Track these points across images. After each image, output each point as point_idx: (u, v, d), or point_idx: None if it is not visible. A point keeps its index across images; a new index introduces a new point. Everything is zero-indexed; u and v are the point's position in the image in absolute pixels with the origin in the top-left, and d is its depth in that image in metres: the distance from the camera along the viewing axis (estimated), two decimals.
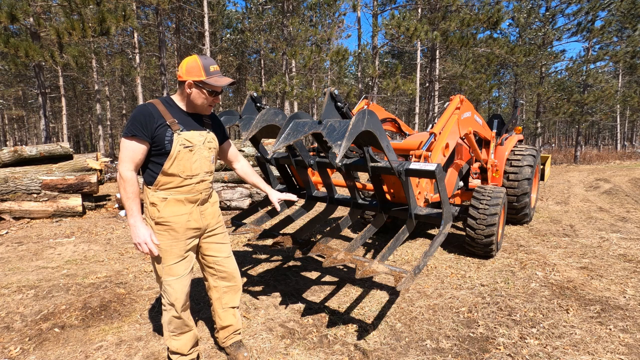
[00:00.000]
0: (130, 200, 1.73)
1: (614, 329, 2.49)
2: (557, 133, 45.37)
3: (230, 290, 2.13)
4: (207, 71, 1.79)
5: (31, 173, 6.18)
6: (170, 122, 1.78)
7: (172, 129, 1.78)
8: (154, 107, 1.79)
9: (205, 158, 1.90)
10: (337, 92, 2.42)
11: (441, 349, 2.31)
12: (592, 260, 3.80)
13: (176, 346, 1.97)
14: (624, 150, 25.15)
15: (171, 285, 1.87)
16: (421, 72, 17.23)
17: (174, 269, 1.86)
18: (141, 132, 1.72)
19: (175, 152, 1.78)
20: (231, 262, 2.12)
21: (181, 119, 1.84)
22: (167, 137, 1.77)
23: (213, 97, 1.86)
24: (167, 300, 1.90)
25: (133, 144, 1.73)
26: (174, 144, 1.77)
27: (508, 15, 16.67)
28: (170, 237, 1.84)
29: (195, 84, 1.80)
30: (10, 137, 32.04)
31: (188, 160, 1.82)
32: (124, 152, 1.74)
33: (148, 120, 1.74)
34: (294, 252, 2.82)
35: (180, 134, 1.79)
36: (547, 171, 6.52)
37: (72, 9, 8.71)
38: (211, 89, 1.82)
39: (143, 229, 1.75)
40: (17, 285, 3.30)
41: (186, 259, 1.91)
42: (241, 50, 21.13)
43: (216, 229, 2.06)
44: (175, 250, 1.86)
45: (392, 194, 2.85)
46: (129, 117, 1.77)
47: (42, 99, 9.79)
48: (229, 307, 2.14)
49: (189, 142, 1.82)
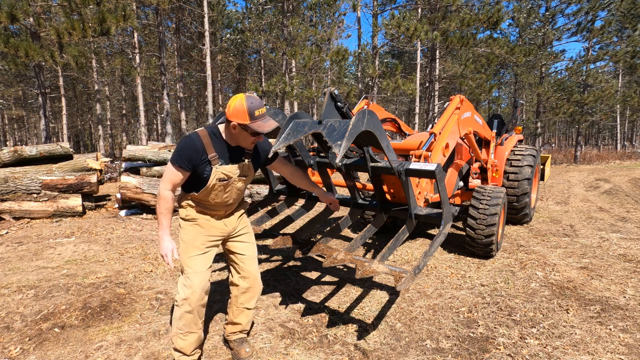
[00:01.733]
0: (162, 215, 1.91)
1: (614, 329, 2.49)
2: (557, 133, 45.36)
3: (248, 292, 2.19)
4: (251, 116, 1.82)
5: (31, 173, 6.18)
6: (212, 157, 1.89)
7: (212, 164, 1.90)
8: (200, 142, 1.88)
9: (237, 189, 2.04)
10: (337, 92, 2.42)
11: (441, 349, 2.31)
12: (592, 260, 3.80)
13: (180, 345, 2.00)
14: (624, 150, 25.15)
15: (190, 278, 1.94)
16: (421, 72, 17.23)
17: (194, 261, 1.96)
18: (186, 164, 1.86)
19: (210, 185, 1.92)
20: (254, 264, 2.20)
21: (222, 153, 1.94)
22: (207, 172, 1.90)
23: (255, 137, 1.91)
24: (182, 295, 1.94)
25: (176, 172, 1.88)
26: (211, 177, 1.90)
27: (508, 15, 16.67)
28: (194, 230, 2.00)
29: (240, 125, 1.85)
30: (10, 137, 32.04)
31: (221, 191, 1.97)
32: (167, 174, 1.90)
33: (193, 155, 1.86)
34: (294, 252, 2.82)
35: (219, 168, 1.91)
36: (547, 171, 6.52)
37: (72, 9, 8.71)
38: (254, 131, 1.86)
39: (168, 242, 1.92)
40: (17, 285, 3.30)
41: (206, 255, 2.01)
42: (241, 50, 21.13)
43: (242, 229, 2.18)
44: (196, 243, 1.98)
45: (392, 194, 2.85)
46: (178, 146, 1.90)
47: (42, 99, 9.79)
48: (244, 307, 2.20)
49: (225, 175, 1.94)
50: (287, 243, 2.68)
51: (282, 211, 3.25)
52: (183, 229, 2.02)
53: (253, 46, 19.15)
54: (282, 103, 16.56)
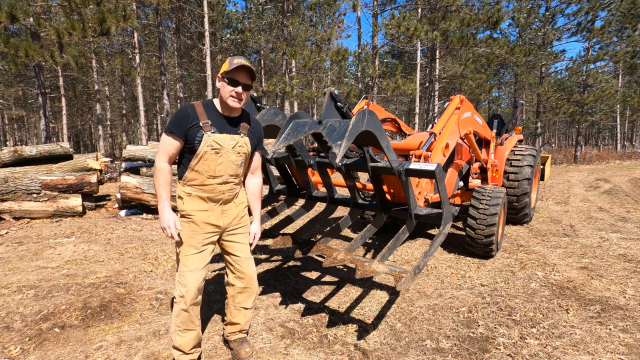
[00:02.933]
0: (160, 187, 1.89)
1: (614, 329, 2.48)
2: (557, 133, 45.37)
3: (244, 292, 2.17)
4: (230, 63, 1.87)
5: (31, 173, 6.18)
6: (203, 124, 1.89)
7: (203, 129, 1.88)
8: (192, 108, 1.91)
9: (231, 162, 1.97)
10: (337, 92, 2.42)
11: (441, 349, 2.31)
12: (592, 260, 3.80)
13: (179, 342, 1.99)
14: (624, 150, 25.15)
15: (184, 276, 1.93)
16: (421, 72, 17.23)
17: (190, 260, 1.94)
18: (177, 129, 1.87)
19: (201, 152, 1.89)
20: (250, 264, 2.16)
21: (216, 121, 1.93)
22: (198, 137, 1.88)
23: (233, 87, 1.89)
24: (179, 292, 1.94)
25: (169, 139, 1.89)
26: (202, 144, 1.88)
27: (508, 15, 16.68)
28: (190, 228, 1.95)
29: (221, 76, 1.91)
30: (10, 137, 32.04)
31: (213, 161, 1.92)
32: (161, 145, 1.91)
33: (183, 120, 1.87)
34: (294, 252, 2.82)
35: (210, 136, 1.89)
36: (547, 171, 6.52)
37: (72, 9, 8.71)
38: (230, 77, 1.88)
39: (169, 214, 1.89)
40: (17, 285, 3.30)
41: (203, 253, 1.98)
42: (241, 50, 21.12)
43: (238, 228, 2.11)
44: (193, 242, 1.95)
45: (392, 194, 2.85)
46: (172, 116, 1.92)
47: (42, 99, 9.79)
48: (241, 307, 2.19)
49: (217, 144, 1.91)
50: (287, 243, 2.68)
51: (282, 211, 3.25)
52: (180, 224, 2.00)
53: (253, 46, 19.15)
54: (282, 103, 16.57)
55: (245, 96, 1.94)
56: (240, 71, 1.89)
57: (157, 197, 1.91)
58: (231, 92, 1.90)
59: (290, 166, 3.21)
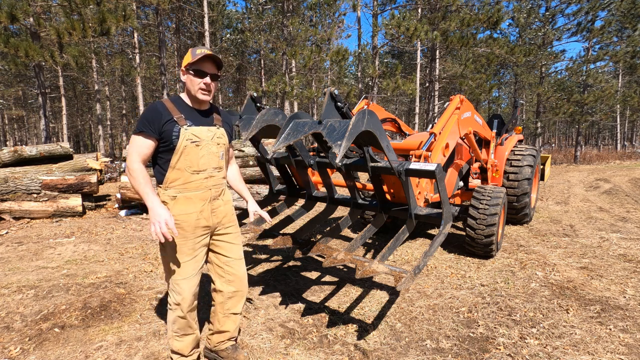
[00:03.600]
0: (142, 185, 1.74)
1: (614, 329, 2.48)
2: (557, 133, 45.37)
3: (235, 296, 2.07)
4: (193, 54, 1.80)
5: (31, 173, 6.18)
6: (177, 118, 1.80)
7: (179, 124, 1.80)
8: (162, 105, 1.82)
9: (213, 154, 1.90)
10: (337, 92, 2.42)
11: (441, 349, 2.31)
12: (592, 260, 3.80)
13: (178, 347, 1.97)
14: (624, 150, 25.15)
15: (179, 285, 1.86)
16: (421, 72, 17.23)
17: (183, 268, 1.86)
18: (148, 128, 1.76)
19: (181, 147, 1.80)
20: (241, 266, 2.08)
21: (188, 115, 1.85)
22: (175, 133, 1.79)
23: (201, 78, 1.81)
24: (173, 300, 1.88)
25: (140, 139, 1.77)
26: (181, 138, 1.79)
27: (508, 15, 16.68)
28: (180, 235, 1.84)
29: (185, 69, 1.83)
30: (10, 137, 32.04)
31: (195, 155, 1.83)
32: (131, 147, 1.78)
33: (155, 117, 1.77)
34: (294, 252, 2.82)
35: (188, 129, 1.81)
36: (547, 171, 6.52)
37: (72, 9, 8.71)
38: (195, 68, 1.80)
39: (161, 209, 1.71)
40: (17, 285, 3.30)
41: (195, 259, 1.90)
42: (241, 50, 21.12)
43: (229, 227, 2.03)
44: (184, 249, 1.86)
45: (392, 194, 2.85)
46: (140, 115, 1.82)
47: (42, 99, 9.79)
48: (231, 312, 2.08)
49: (196, 137, 1.83)
50: (287, 243, 2.68)
51: (282, 211, 3.25)
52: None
53: (253, 46, 19.16)
54: (282, 103, 16.56)
55: (213, 87, 1.86)
56: (206, 61, 1.81)
57: (143, 196, 1.73)
58: (200, 85, 1.82)
59: (290, 166, 3.21)
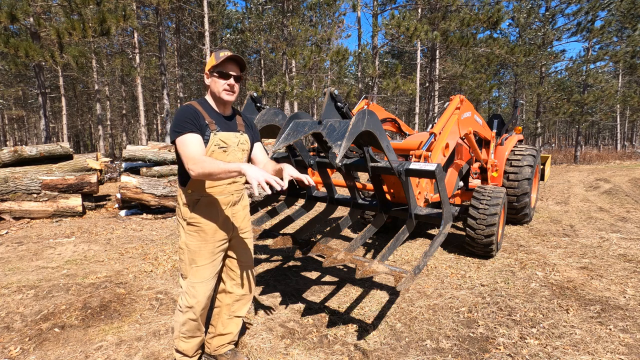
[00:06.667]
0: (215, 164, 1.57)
1: (614, 329, 2.48)
2: (557, 133, 45.38)
3: (242, 299, 2.09)
4: (217, 57, 1.82)
5: (31, 173, 6.18)
6: (209, 122, 1.81)
7: (210, 128, 1.80)
8: (194, 108, 1.81)
9: (238, 160, 1.91)
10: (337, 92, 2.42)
11: (441, 349, 2.31)
12: (592, 260, 3.80)
13: (183, 348, 1.97)
14: (624, 150, 25.14)
15: (195, 288, 1.86)
16: (421, 72, 17.23)
17: (201, 271, 1.86)
18: (192, 126, 1.73)
19: (209, 152, 1.80)
20: (251, 271, 2.11)
21: (217, 119, 1.86)
22: (206, 137, 1.79)
23: (225, 80, 1.83)
24: (186, 302, 1.88)
25: (191, 137, 1.71)
26: (210, 143, 1.79)
27: (508, 15, 16.67)
28: (200, 238, 1.85)
29: (210, 72, 1.85)
30: (10, 137, 32.04)
31: (222, 160, 1.81)
32: (184, 145, 1.68)
33: (195, 117, 1.77)
34: (294, 252, 2.82)
35: (217, 134, 1.82)
36: (547, 171, 6.52)
37: (72, 9, 8.71)
38: (219, 70, 1.81)
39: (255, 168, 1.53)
40: (17, 285, 3.30)
41: (214, 262, 1.90)
42: (241, 50, 21.12)
43: (245, 232, 2.06)
44: (204, 252, 1.86)
45: (392, 194, 2.85)
46: (175, 119, 1.77)
47: (42, 99, 9.79)
48: (235, 315, 2.10)
49: (224, 142, 1.84)
50: (287, 243, 2.68)
51: (282, 211, 3.25)
52: (187, 234, 1.86)
53: (253, 46, 19.15)
54: (282, 103, 16.57)
55: (237, 88, 1.87)
56: (229, 62, 1.83)
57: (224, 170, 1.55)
58: (224, 86, 1.83)
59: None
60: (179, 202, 1.92)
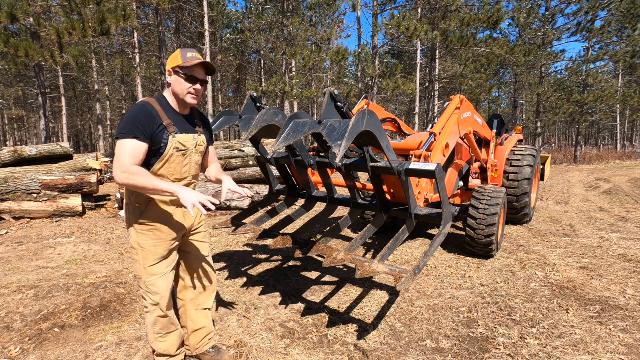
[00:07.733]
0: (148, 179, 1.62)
1: (614, 329, 2.49)
2: (557, 133, 45.39)
3: (206, 291, 2.10)
4: (184, 57, 1.75)
5: (31, 173, 6.18)
6: (167, 124, 1.75)
7: (168, 130, 1.75)
8: (153, 108, 1.74)
9: (195, 162, 1.90)
10: (337, 92, 2.41)
11: (441, 349, 2.31)
12: (592, 260, 3.80)
13: (163, 348, 1.94)
14: (624, 150, 25.14)
15: (155, 285, 1.84)
16: (421, 72, 17.24)
17: (158, 267, 1.85)
18: (142, 133, 1.66)
19: (168, 155, 1.76)
20: (210, 261, 2.12)
21: (175, 120, 1.80)
22: (164, 140, 1.74)
23: (192, 84, 1.78)
24: (151, 301, 1.86)
25: (134, 143, 1.65)
26: (169, 146, 1.76)
27: (508, 15, 16.68)
28: (155, 237, 1.82)
29: (173, 70, 1.77)
30: (10, 137, 32.05)
31: (179, 164, 1.82)
32: (123, 151, 1.63)
33: (149, 122, 1.69)
34: (294, 252, 2.82)
35: (175, 137, 1.77)
36: (547, 171, 6.52)
37: (72, 9, 8.72)
38: (187, 73, 1.76)
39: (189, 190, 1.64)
40: (17, 285, 3.30)
41: (170, 257, 1.90)
42: (241, 50, 21.14)
43: (199, 227, 2.06)
44: (159, 251, 1.84)
45: (392, 194, 2.85)
46: (126, 116, 1.69)
47: (42, 99, 9.79)
48: (202, 308, 2.10)
49: (183, 145, 1.81)
50: (287, 243, 2.68)
51: (282, 211, 3.25)
52: (140, 234, 1.80)
53: (253, 46, 19.16)
54: (282, 103, 16.57)
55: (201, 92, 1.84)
56: (199, 67, 1.78)
57: (156, 189, 1.62)
58: (190, 89, 1.78)
59: (290, 166, 3.21)
60: (129, 202, 1.86)
